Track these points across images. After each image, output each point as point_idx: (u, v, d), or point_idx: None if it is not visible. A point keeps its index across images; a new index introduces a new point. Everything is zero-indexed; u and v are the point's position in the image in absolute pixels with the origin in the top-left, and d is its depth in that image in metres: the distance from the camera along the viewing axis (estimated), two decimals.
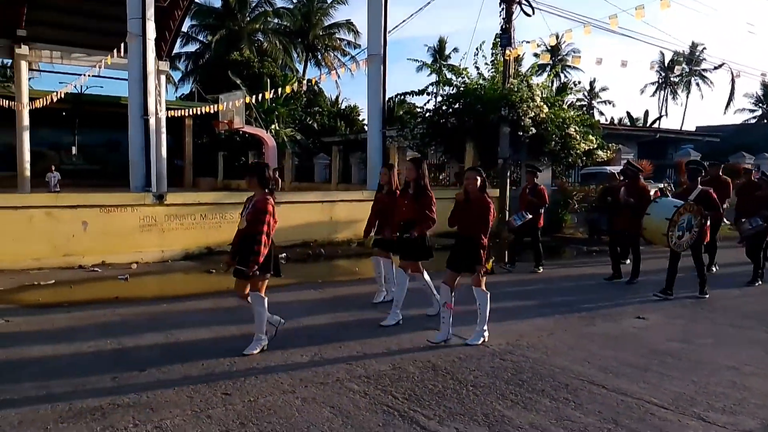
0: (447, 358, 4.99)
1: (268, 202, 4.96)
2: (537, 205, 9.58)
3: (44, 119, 22.98)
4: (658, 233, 7.40)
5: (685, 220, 7.29)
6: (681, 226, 7.27)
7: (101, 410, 3.78)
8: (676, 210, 7.21)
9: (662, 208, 7.44)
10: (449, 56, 45.05)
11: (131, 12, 11.65)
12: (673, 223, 7.19)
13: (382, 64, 13.78)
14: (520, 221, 9.50)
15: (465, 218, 5.49)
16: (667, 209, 7.32)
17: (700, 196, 7.62)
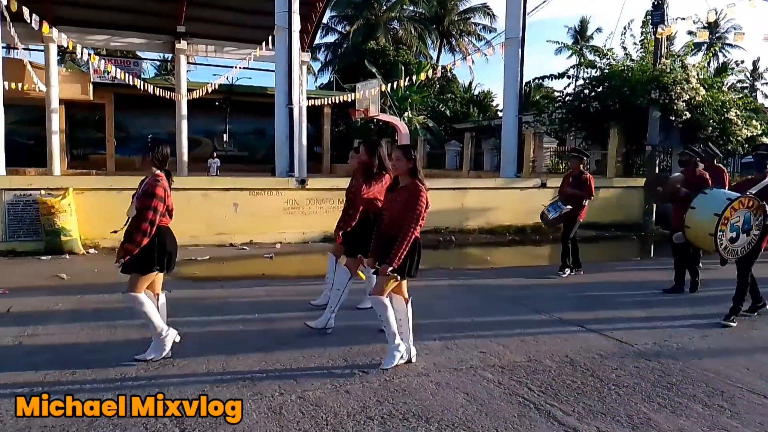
0: (587, 354, 4.78)
1: (159, 185, 4.23)
2: (579, 196, 7.98)
3: (199, 108, 25.06)
4: (703, 233, 5.68)
5: (741, 219, 5.57)
6: (735, 225, 5.59)
7: (251, 378, 4.08)
8: (729, 204, 5.49)
9: (711, 201, 5.77)
10: (591, 37, 42.70)
11: (279, 6, 12.30)
12: (725, 220, 5.49)
13: (520, 48, 13.36)
14: (556, 213, 7.98)
15: (390, 206, 4.36)
16: (718, 202, 5.65)
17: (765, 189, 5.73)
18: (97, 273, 7.69)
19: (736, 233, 5.59)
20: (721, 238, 5.52)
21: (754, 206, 5.61)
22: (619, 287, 7.56)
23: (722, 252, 5.60)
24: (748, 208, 5.59)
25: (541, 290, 7.15)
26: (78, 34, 19.65)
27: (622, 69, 15.03)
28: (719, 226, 5.46)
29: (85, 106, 25.98)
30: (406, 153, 4.29)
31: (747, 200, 5.61)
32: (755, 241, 5.70)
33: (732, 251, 5.65)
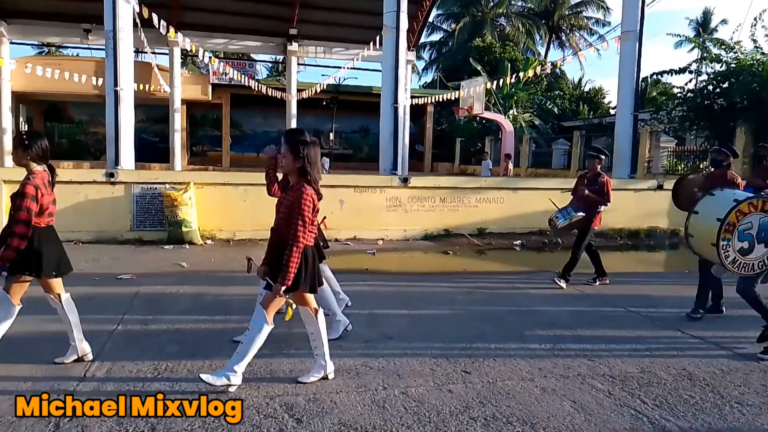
0: (707, 368, 4.45)
1: (30, 183, 3.78)
2: (594, 201, 7.12)
3: (308, 108, 25.97)
4: (707, 243, 4.75)
5: (755, 225, 4.55)
6: (746, 233, 4.57)
7: (356, 370, 4.17)
8: (735, 206, 4.53)
9: (716, 204, 4.80)
10: (715, 30, 39.62)
11: (387, 6, 12.46)
12: (729, 226, 4.55)
13: (638, 42, 12.65)
14: (566, 220, 7.11)
15: (277, 210, 3.83)
16: (723, 205, 4.65)
17: None
18: (214, 263, 8.20)
19: (748, 242, 4.58)
20: (725, 248, 4.58)
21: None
22: (740, 300, 6.97)
23: (729, 266, 4.64)
24: (764, 212, 4.57)
25: (656, 300, 6.75)
26: (199, 38, 20.99)
27: (752, 63, 13.85)
28: (721, 233, 4.55)
29: (204, 105, 27.74)
30: (293, 148, 3.65)
31: (760, 202, 4.55)
32: None
33: (744, 265, 4.64)
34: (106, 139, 11.31)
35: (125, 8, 11.12)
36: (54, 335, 4.33)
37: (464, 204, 11.17)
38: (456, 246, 10.21)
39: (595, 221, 7.26)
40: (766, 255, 4.64)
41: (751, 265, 4.65)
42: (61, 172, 4.57)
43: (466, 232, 10.95)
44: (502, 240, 10.74)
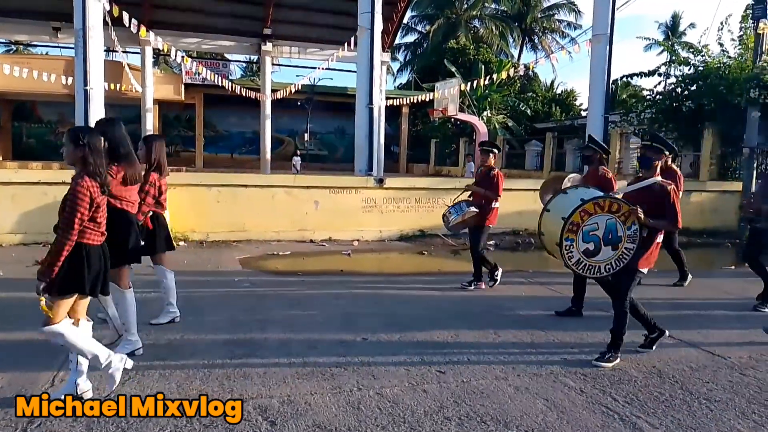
0: (676, 366, 4.55)
1: None
2: (486, 196, 6.92)
3: (283, 108, 25.84)
4: (552, 242, 4.60)
5: (600, 226, 4.36)
6: (591, 235, 4.37)
7: (330, 372, 4.16)
8: (579, 205, 4.34)
9: (566, 203, 4.59)
10: (684, 33, 40.57)
11: (362, 6, 12.47)
12: (573, 226, 4.34)
13: (608, 44, 12.88)
14: (458, 215, 6.82)
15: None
16: (571, 203, 4.48)
17: (649, 192, 4.53)
18: (187, 264, 8.09)
19: (594, 244, 4.38)
20: (569, 248, 4.37)
21: (621, 211, 4.36)
22: (712, 297, 7.15)
23: (573, 267, 4.45)
24: (610, 213, 4.36)
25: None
26: (172, 37, 20.76)
27: (719, 66, 14.18)
28: (564, 232, 4.34)
29: (177, 105, 27.43)
30: (73, 136, 3.39)
31: (607, 203, 4.35)
32: (627, 257, 4.43)
33: (590, 268, 4.44)
34: None
35: (95, 6, 10.93)
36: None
37: (439, 205, 11.19)
38: (431, 246, 10.26)
39: (490, 218, 6.97)
40: (613, 258, 4.42)
41: (597, 267, 4.45)
42: (29, 173, 4.49)
43: (441, 232, 11.00)
44: None
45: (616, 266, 4.45)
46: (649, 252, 4.52)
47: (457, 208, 6.94)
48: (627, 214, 4.34)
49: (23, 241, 9.03)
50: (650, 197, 4.46)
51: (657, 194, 4.47)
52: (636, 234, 4.39)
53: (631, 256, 4.42)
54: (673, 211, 4.43)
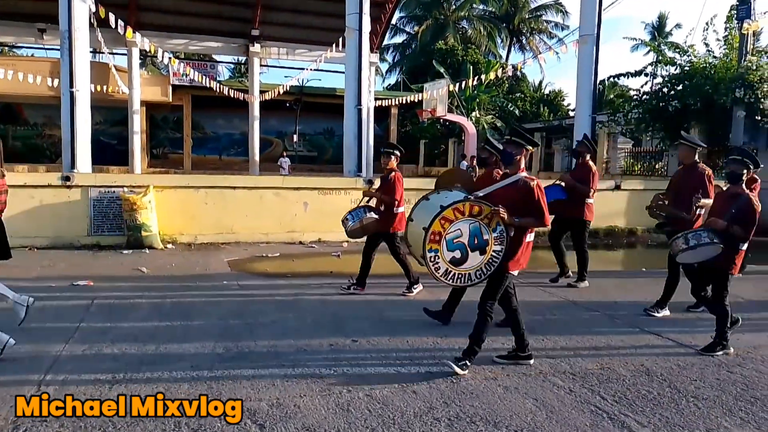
0: (664, 364, 4.58)
1: None
2: (381, 201, 6.57)
3: (271, 109, 25.72)
4: (419, 254, 4.32)
5: (464, 232, 4.09)
6: (456, 242, 4.09)
7: (320, 374, 4.15)
8: (439, 213, 4.07)
9: (425, 211, 4.39)
10: (670, 33, 40.78)
11: (350, 8, 12.44)
12: (435, 236, 4.04)
13: (595, 45, 12.96)
14: (356, 222, 6.40)
15: None
16: (430, 211, 4.24)
17: (515, 189, 4.31)
18: (175, 267, 8.04)
19: (460, 252, 4.11)
20: (434, 259, 4.07)
21: (483, 214, 4.11)
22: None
23: (443, 279, 4.16)
24: (472, 217, 4.10)
25: (615, 298, 6.91)
26: (159, 38, 20.59)
27: (704, 66, 14.30)
28: (426, 244, 4.05)
29: (164, 107, 27.19)
30: None
31: (467, 206, 4.10)
32: (497, 260, 4.20)
33: (460, 277, 4.17)
34: (62, 141, 10.99)
35: (81, 8, 10.82)
36: None
37: None
38: None
39: (396, 225, 6.53)
40: (483, 263, 4.17)
41: (468, 275, 4.20)
42: (16, 176, 4.44)
43: None
44: None
45: (487, 271, 4.20)
46: (519, 253, 4.31)
47: (355, 213, 6.45)
48: (490, 215, 4.12)
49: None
50: (516, 195, 4.27)
51: (521, 191, 4.26)
52: (503, 235, 4.17)
53: (501, 259, 4.21)
54: (538, 208, 4.24)
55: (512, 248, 4.25)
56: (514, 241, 4.25)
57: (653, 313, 6.04)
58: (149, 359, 4.33)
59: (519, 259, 4.33)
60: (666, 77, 15.43)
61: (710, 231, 4.73)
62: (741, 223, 4.68)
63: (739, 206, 4.71)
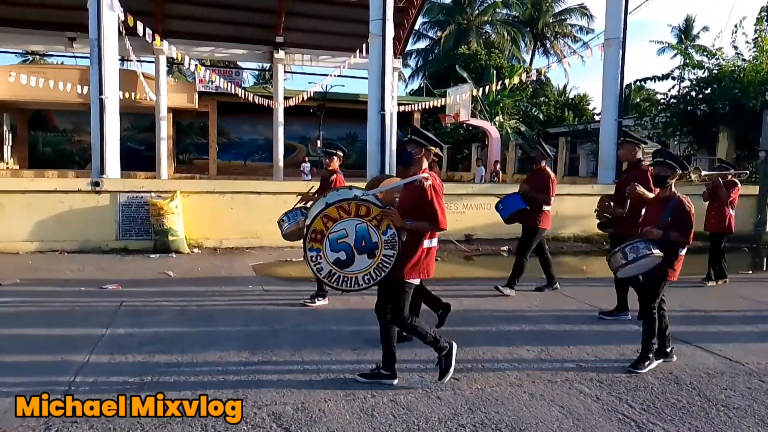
0: (693, 372, 4.49)
1: None
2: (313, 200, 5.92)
3: (295, 115, 25.93)
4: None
5: (350, 232, 3.83)
6: (341, 243, 3.84)
7: (344, 378, 4.15)
8: (322, 211, 3.84)
9: (313, 209, 4.12)
10: (697, 36, 40.21)
11: (373, 14, 12.50)
12: (316, 234, 3.82)
13: (621, 48, 12.81)
14: (291, 223, 6.11)
15: None
16: (315, 209, 4.02)
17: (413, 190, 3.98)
18: (201, 271, 8.14)
19: (345, 253, 3.84)
20: (316, 259, 3.83)
21: (372, 215, 3.84)
22: (727, 302, 7.06)
23: (328, 281, 3.92)
24: (359, 217, 3.83)
25: None
26: (185, 46, 20.91)
27: (733, 69, 14.07)
28: (308, 242, 3.83)
29: (190, 113, 27.60)
30: None
31: (353, 206, 3.82)
32: (388, 265, 3.90)
33: (346, 280, 3.91)
34: (91, 147, 11.21)
35: (110, 17, 11.05)
36: None
37: (451, 210, 11.17)
38: (444, 252, 10.22)
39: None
40: (372, 267, 3.89)
41: (355, 279, 3.91)
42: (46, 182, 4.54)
43: (454, 238, 10.97)
44: (490, 246, 10.78)
45: (376, 276, 3.90)
46: (415, 259, 3.96)
47: (292, 215, 6.15)
48: (379, 217, 3.83)
49: (39, 249, 9.13)
50: (413, 196, 3.95)
51: (416, 191, 3.93)
52: (394, 239, 3.85)
53: (392, 265, 3.90)
54: (431, 210, 3.88)
55: (407, 254, 3.94)
56: (409, 246, 3.94)
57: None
58: (175, 363, 4.39)
59: (417, 266, 3.99)
60: (694, 81, 15.22)
61: (647, 241, 4.42)
62: (677, 228, 4.40)
63: (672, 211, 4.46)
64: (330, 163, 6.37)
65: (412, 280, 4.03)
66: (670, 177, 4.54)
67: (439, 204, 3.93)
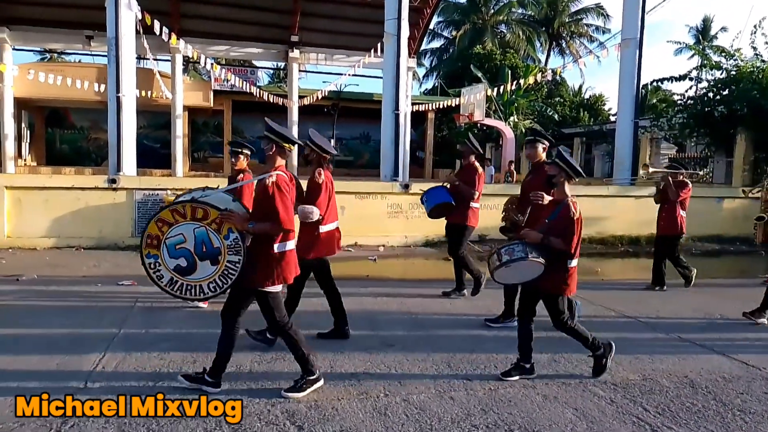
0: (708, 376, 4.45)
1: None
2: None
3: (309, 114, 26.00)
4: None
5: (189, 238, 3.62)
6: (179, 248, 3.63)
7: (356, 377, 4.17)
8: (155, 214, 3.70)
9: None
10: (715, 37, 39.75)
11: (388, 13, 12.52)
12: (152, 240, 3.64)
13: (638, 49, 12.70)
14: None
15: None
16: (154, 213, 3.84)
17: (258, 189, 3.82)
18: None
19: (185, 260, 3.61)
20: (155, 267, 3.63)
21: (210, 218, 3.60)
22: (745, 307, 6.96)
23: (169, 290, 3.71)
24: (196, 221, 3.61)
25: (657, 305, 6.74)
26: (201, 45, 21.06)
27: (752, 71, 13.89)
28: (144, 248, 3.63)
29: (205, 112, 27.78)
30: None
31: (188, 208, 3.61)
32: (234, 271, 3.64)
33: (190, 288, 3.68)
34: (107, 145, 11.33)
35: (127, 15, 11.17)
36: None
37: None
38: None
39: None
40: (217, 274, 3.65)
41: (200, 287, 3.69)
42: (63, 179, 4.59)
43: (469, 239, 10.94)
44: None
45: (223, 284, 3.66)
46: (265, 265, 3.71)
47: None
48: (218, 220, 3.60)
49: (56, 245, 9.25)
50: (260, 195, 3.75)
51: (260, 189, 3.74)
52: (238, 243, 3.62)
53: (239, 271, 3.65)
54: (273, 210, 3.62)
55: (256, 260, 3.68)
56: (257, 250, 3.70)
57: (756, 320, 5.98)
58: (190, 359, 4.42)
59: (269, 272, 3.70)
60: (711, 82, 15.06)
61: (525, 244, 4.09)
62: (558, 233, 4.04)
63: (556, 214, 4.12)
64: (237, 162, 6.14)
65: (269, 289, 3.74)
66: (556, 177, 4.17)
67: (283, 203, 3.65)
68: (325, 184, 4.96)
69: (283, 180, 3.72)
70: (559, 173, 4.16)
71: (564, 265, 4.11)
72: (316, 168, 4.96)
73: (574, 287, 4.24)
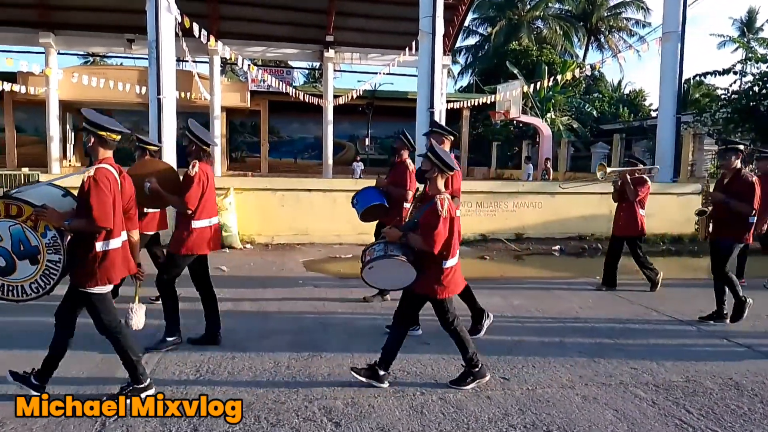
0: (755, 378, 4.31)
1: None
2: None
3: (344, 114, 26.14)
4: None
5: (5, 237, 3.43)
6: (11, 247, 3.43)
7: (393, 375, 4.16)
8: None
9: None
10: (761, 29, 38.35)
11: (423, 11, 12.47)
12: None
13: (680, 42, 12.37)
14: None
15: None
16: None
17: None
18: (253, 266, 8.32)
19: (4, 259, 3.42)
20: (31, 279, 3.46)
21: (26, 215, 3.39)
22: None
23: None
24: (11, 218, 3.39)
25: (700, 306, 6.56)
26: (238, 46, 21.35)
27: None
28: None
29: (243, 112, 28.18)
30: None
31: (1, 205, 3.40)
32: (56, 272, 3.45)
33: (13, 289, 3.49)
34: None
35: (168, 19, 11.42)
36: None
37: (501, 209, 11.09)
38: (493, 251, 10.13)
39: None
40: (38, 275, 3.45)
41: (21, 288, 3.49)
42: None
43: (504, 237, 10.85)
44: (541, 245, 10.61)
45: (45, 284, 3.47)
46: (87, 264, 3.48)
47: None
48: (34, 217, 3.37)
49: None
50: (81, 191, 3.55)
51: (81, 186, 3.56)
52: (56, 242, 3.41)
53: (60, 271, 3.45)
54: (85, 205, 3.42)
55: (78, 260, 3.49)
56: (79, 249, 3.50)
57: None
58: (229, 356, 4.50)
59: (91, 272, 3.48)
60: (757, 75, 14.57)
61: (386, 243, 3.89)
62: (421, 230, 3.78)
63: (423, 212, 3.85)
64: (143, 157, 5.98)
65: (95, 290, 3.51)
66: (428, 172, 3.90)
67: (99, 198, 3.41)
68: (198, 177, 4.67)
69: (104, 174, 3.50)
70: (432, 168, 3.89)
71: (438, 265, 3.87)
72: (193, 160, 4.78)
73: (455, 288, 4.04)
